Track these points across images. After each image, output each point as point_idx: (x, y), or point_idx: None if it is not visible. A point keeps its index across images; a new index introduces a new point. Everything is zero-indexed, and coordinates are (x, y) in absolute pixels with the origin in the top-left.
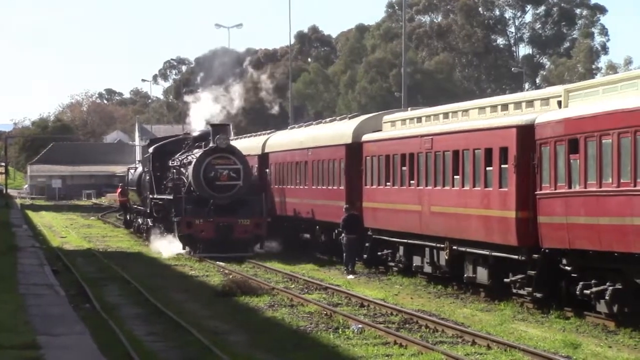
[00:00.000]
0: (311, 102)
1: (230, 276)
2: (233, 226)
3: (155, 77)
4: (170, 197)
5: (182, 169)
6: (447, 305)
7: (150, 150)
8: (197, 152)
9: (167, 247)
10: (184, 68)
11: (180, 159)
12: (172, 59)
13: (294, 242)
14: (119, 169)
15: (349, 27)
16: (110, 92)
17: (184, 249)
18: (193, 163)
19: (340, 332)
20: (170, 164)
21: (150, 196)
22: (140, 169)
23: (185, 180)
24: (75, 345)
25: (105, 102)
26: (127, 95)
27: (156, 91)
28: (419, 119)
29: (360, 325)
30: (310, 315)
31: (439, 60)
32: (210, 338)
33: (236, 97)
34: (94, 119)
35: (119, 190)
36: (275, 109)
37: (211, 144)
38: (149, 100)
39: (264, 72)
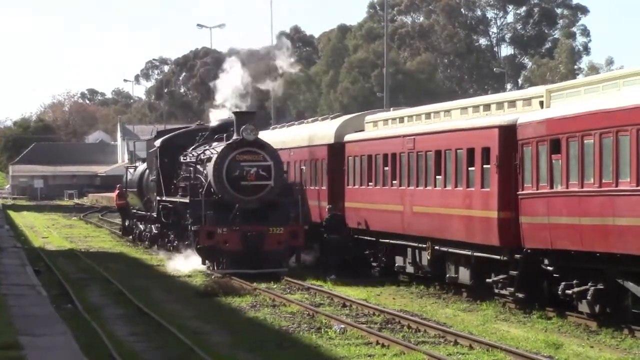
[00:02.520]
0: (293, 102)
1: (213, 277)
2: (263, 236)
3: (137, 77)
4: (184, 199)
5: (198, 167)
6: (430, 305)
7: (157, 143)
8: (218, 146)
9: (182, 262)
10: (166, 68)
11: (195, 154)
12: (154, 59)
13: None
14: (100, 169)
15: (331, 28)
16: (92, 92)
17: (203, 263)
18: (213, 159)
19: (323, 332)
20: (182, 160)
21: (158, 198)
22: (141, 167)
23: (204, 180)
24: (58, 345)
25: (87, 102)
26: (109, 95)
27: (138, 91)
28: (401, 119)
29: (342, 326)
30: (292, 316)
31: (421, 61)
32: (192, 338)
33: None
34: (76, 119)
35: (117, 192)
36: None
37: (235, 136)
38: (131, 101)
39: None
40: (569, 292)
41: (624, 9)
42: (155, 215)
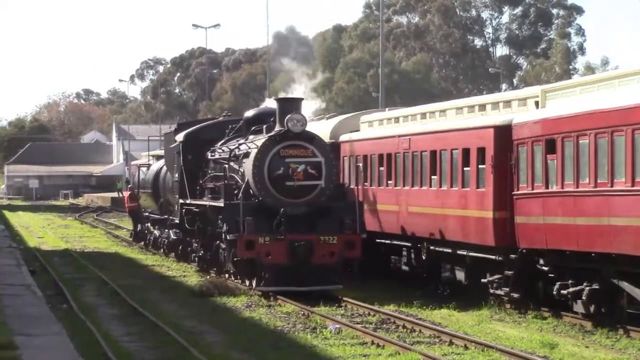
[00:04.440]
0: None
1: (208, 277)
2: (313, 246)
3: (132, 77)
4: (216, 203)
5: (232, 164)
6: (425, 305)
7: (180, 138)
8: (257, 140)
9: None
10: (161, 68)
11: (227, 149)
12: (149, 59)
13: None
14: (96, 169)
15: (327, 28)
16: (87, 92)
17: (239, 278)
18: (252, 155)
19: (318, 332)
20: (209, 157)
21: (181, 201)
22: (156, 165)
23: (239, 180)
24: (53, 345)
25: (82, 102)
26: (104, 95)
27: (134, 91)
28: (397, 119)
29: (337, 326)
30: (287, 316)
31: (416, 61)
32: (187, 338)
33: None
34: (71, 119)
35: (128, 193)
36: None
37: (277, 127)
38: (127, 101)
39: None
40: (564, 292)
41: (619, 9)
42: (177, 221)
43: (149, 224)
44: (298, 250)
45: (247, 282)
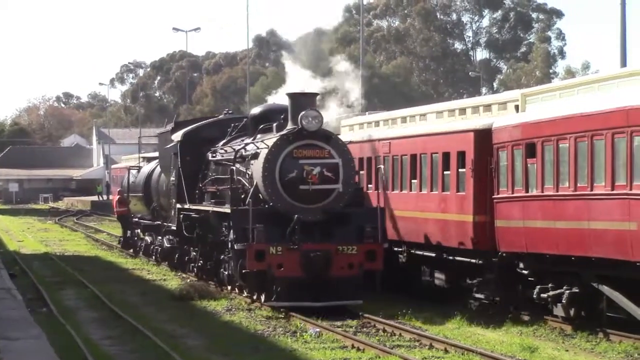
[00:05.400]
0: None
1: (188, 280)
2: (330, 257)
3: (112, 81)
4: (221, 208)
5: (238, 166)
6: (405, 309)
7: (178, 137)
8: (267, 139)
9: None
10: (141, 72)
11: (230, 150)
12: (129, 63)
13: None
14: (76, 173)
15: (307, 32)
16: (67, 95)
17: (249, 293)
18: (262, 156)
19: (298, 336)
20: (210, 158)
21: (179, 206)
22: (147, 168)
23: (246, 184)
24: (33, 349)
25: (62, 105)
26: (84, 98)
27: (114, 95)
28: (377, 123)
29: (317, 329)
30: (268, 319)
31: (396, 65)
32: (167, 342)
33: None
34: (51, 122)
35: (116, 197)
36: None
37: (290, 125)
38: (107, 104)
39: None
40: (544, 295)
41: (599, 13)
42: (174, 227)
43: (139, 230)
44: (314, 261)
45: (256, 297)
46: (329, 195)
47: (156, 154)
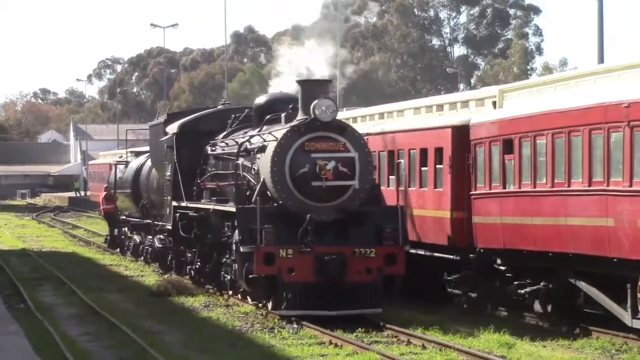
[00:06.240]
0: (247, 102)
1: (166, 276)
2: (346, 261)
3: (89, 77)
4: (225, 207)
5: (243, 160)
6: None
7: (173, 129)
8: (275, 131)
9: None
10: (118, 67)
11: (232, 142)
12: (106, 59)
13: None
14: (53, 169)
15: (285, 28)
16: (44, 91)
17: (254, 299)
18: (269, 149)
19: (276, 332)
20: (209, 152)
21: (175, 204)
22: (135, 162)
23: (252, 180)
24: (10, 345)
25: (39, 101)
26: (62, 94)
27: (91, 91)
28: (354, 119)
29: (295, 325)
30: (245, 316)
31: (374, 61)
32: (145, 338)
33: None
34: (29, 118)
35: (103, 193)
36: None
37: (300, 115)
38: (84, 100)
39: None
40: (521, 291)
41: (577, 9)
42: (169, 227)
43: (126, 229)
44: (328, 265)
45: (263, 303)
46: (344, 193)
47: (144, 148)
